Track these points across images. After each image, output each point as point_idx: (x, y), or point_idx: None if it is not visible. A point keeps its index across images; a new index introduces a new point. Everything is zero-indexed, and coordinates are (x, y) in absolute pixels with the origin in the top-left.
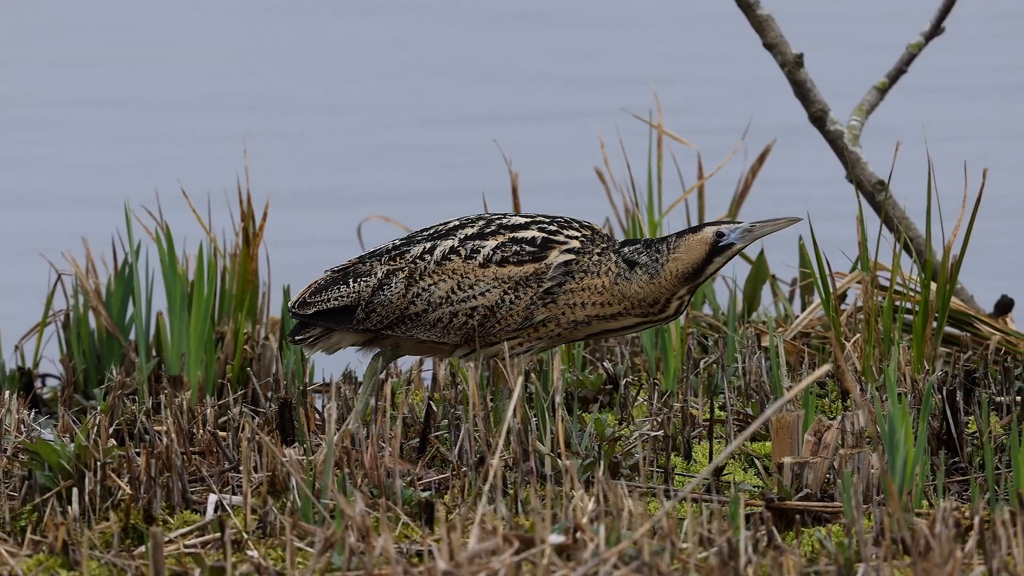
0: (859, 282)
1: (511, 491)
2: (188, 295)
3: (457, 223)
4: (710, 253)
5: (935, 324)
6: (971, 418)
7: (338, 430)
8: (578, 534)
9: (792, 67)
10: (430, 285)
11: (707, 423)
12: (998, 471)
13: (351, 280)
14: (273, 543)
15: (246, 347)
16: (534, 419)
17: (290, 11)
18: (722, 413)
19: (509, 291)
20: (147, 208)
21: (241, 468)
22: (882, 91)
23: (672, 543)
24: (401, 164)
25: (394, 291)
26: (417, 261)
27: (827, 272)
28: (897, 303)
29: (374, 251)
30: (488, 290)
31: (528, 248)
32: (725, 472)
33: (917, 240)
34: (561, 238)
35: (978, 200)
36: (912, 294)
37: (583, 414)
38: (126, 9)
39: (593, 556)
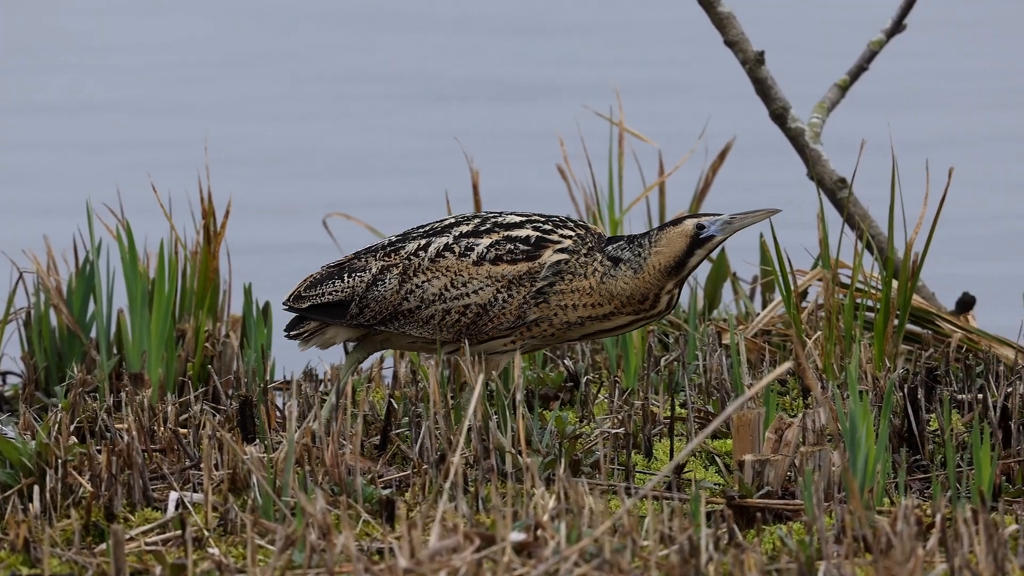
0: (820, 279)
1: (472, 489)
2: (149, 293)
3: (453, 220)
4: (691, 245)
5: (896, 322)
6: (932, 416)
7: (299, 428)
8: (539, 532)
9: (753, 65)
10: (424, 282)
11: (668, 421)
12: (960, 469)
13: (346, 275)
14: (234, 540)
15: (207, 345)
16: (495, 417)
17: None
18: (683, 411)
19: (502, 290)
20: (109, 207)
21: (202, 466)
22: (843, 89)
23: (633, 541)
24: (363, 168)
25: (388, 287)
26: (411, 257)
27: (788, 269)
28: (858, 301)
29: (370, 247)
30: (481, 288)
31: (522, 247)
32: (686, 470)
33: (879, 238)
34: (555, 237)
35: (942, 199)
36: (873, 292)
37: (544, 412)
38: (83, 11)
39: (554, 554)
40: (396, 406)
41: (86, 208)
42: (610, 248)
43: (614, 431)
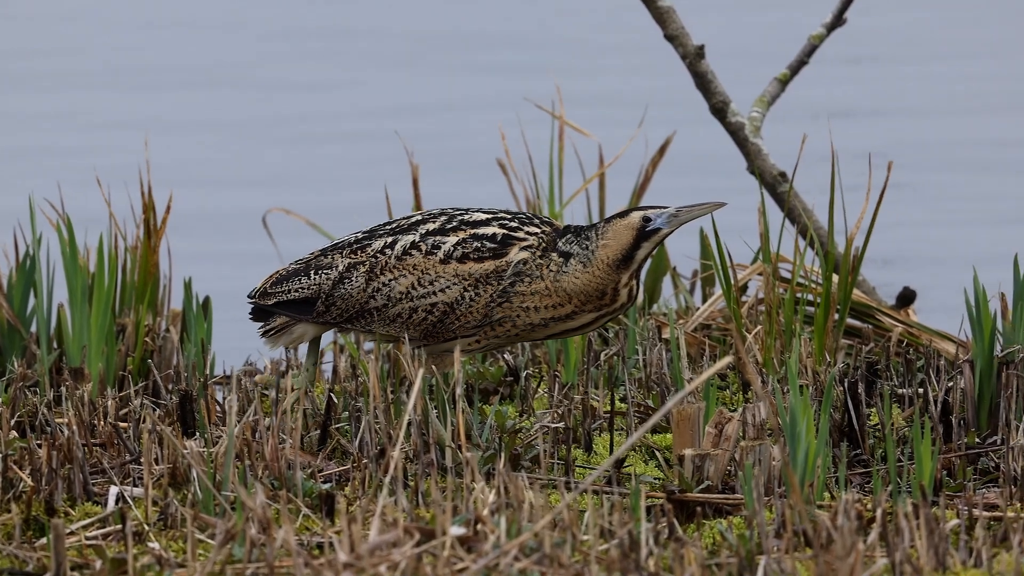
0: (760, 274)
1: (412, 483)
2: (89, 287)
3: (419, 218)
4: (637, 238)
5: (837, 316)
6: (873, 410)
7: (239, 422)
8: (479, 526)
9: (693, 59)
10: (390, 280)
11: (608, 415)
12: (900, 463)
13: (312, 272)
14: (174, 535)
15: (147, 339)
16: (435, 411)
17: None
18: (623, 405)
19: (469, 288)
20: (50, 201)
21: (142, 460)
22: (783, 82)
23: (573, 535)
24: (302, 157)
25: (355, 285)
26: (378, 255)
27: (728, 264)
28: (799, 295)
29: (336, 243)
30: (448, 287)
31: (489, 245)
32: (626, 464)
33: (820, 232)
34: (521, 235)
35: (882, 192)
36: (814, 286)
37: (484, 406)
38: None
39: (494, 548)
40: (336, 400)
41: (28, 203)
42: (561, 243)
43: (554, 426)
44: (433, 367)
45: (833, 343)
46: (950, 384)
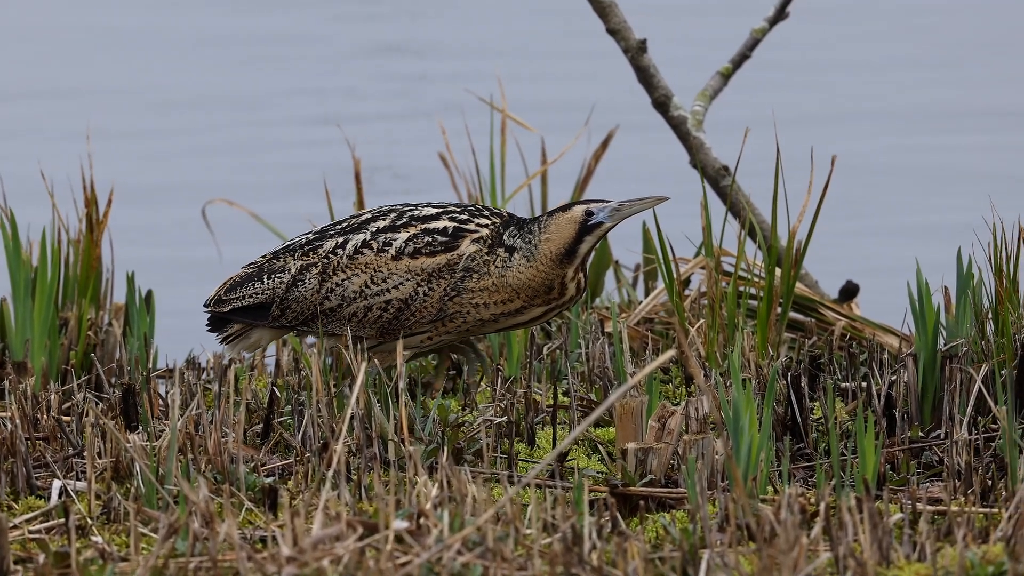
0: (703, 267)
1: (355, 477)
2: (32, 281)
3: (369, 216)
4: (580, 232)
5: (780, 310)
6: (816, 404)
7: (182, 416)
8: (422, 520)
9: (635, 53)
10: (344, 280)
11: (551, 409)
12: (843, 457)
13: (266, 276)
14: (117, 529)
15: (90, 333)
16: (377, 404)
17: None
18: (566, 399)
19: (423, 283)
20: None
21: (85, 454)
22: (726, 76)
23: (516, 529)
24: (244, 156)
25: (308, 287)
26: (330, 256)
27: (671, 257)
28: (742, 289)
29: (287, 246)
30: (402, 283)
31: (440, 238)
32: (569, 458)
33: (762, 226)
34: (472, 226)
35: (825, 187)
36: (757, 280)
37: (426, 399)
38: None
39: (437, 542)
40: (279, 394)
41: None
42: (506, 237)
43: (497, 419)
44: (376, 361)
45: (776, 337)
46: (893, 378)
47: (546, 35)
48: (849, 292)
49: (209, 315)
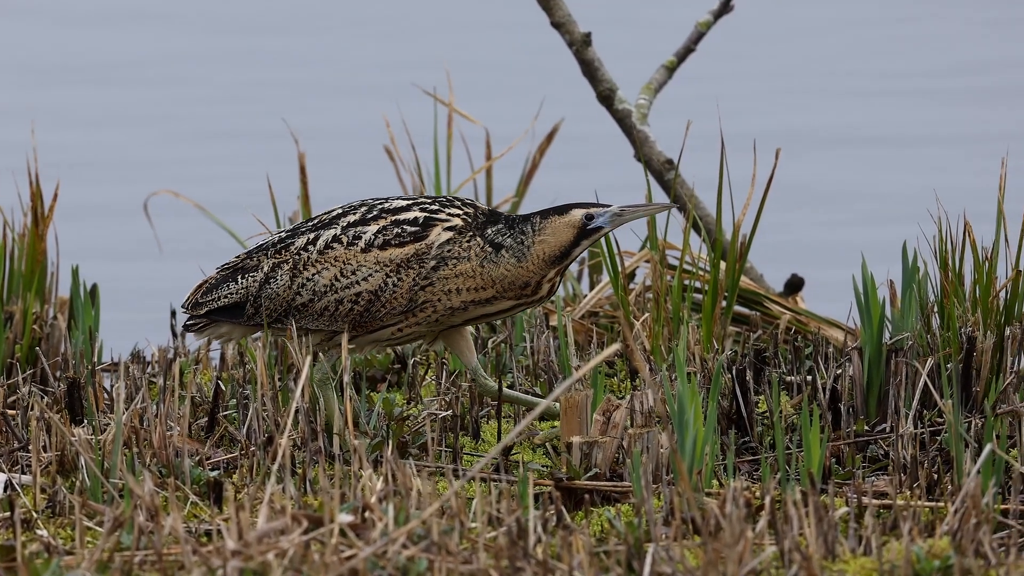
0: (648, 261)
1: (300, 470)
2: None
3: (340, 211)
4: (577, 236)
5: (724, 303)
6: (761, 398)
7: (127, 409)
8: (367, 514)
9: (580, 46)
10: (314, 274)
11: (495, 403)
12: (789, 451)
13: (239, 277)
14: (63, 522)
15: (35, 327)
16: (322, 398)
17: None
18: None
19: (392, 274)
20: None
21: (30, 447)
22: (670, 70)
23: (461, 523)
24: (190, 146)
25: (280, 283)
26: (301, 252)
27: (615, 251)
28: (687, 282)
29: (260, 245)
30: (371, 275)
31: (410, 229)
32: (514, 452)
33: (707, 219)
34: (443, 216)
35: (769, 180)
36: (702, 273)
37: (371, 394)
38: None
39: (382, 535)
40: (224, 388)
41: None
42: (490, 232)
43: (442, 413)
44: (321, 355)
45: (721, 330)
46: (839, 372)
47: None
48: (794, 286)
49: (188, 318)
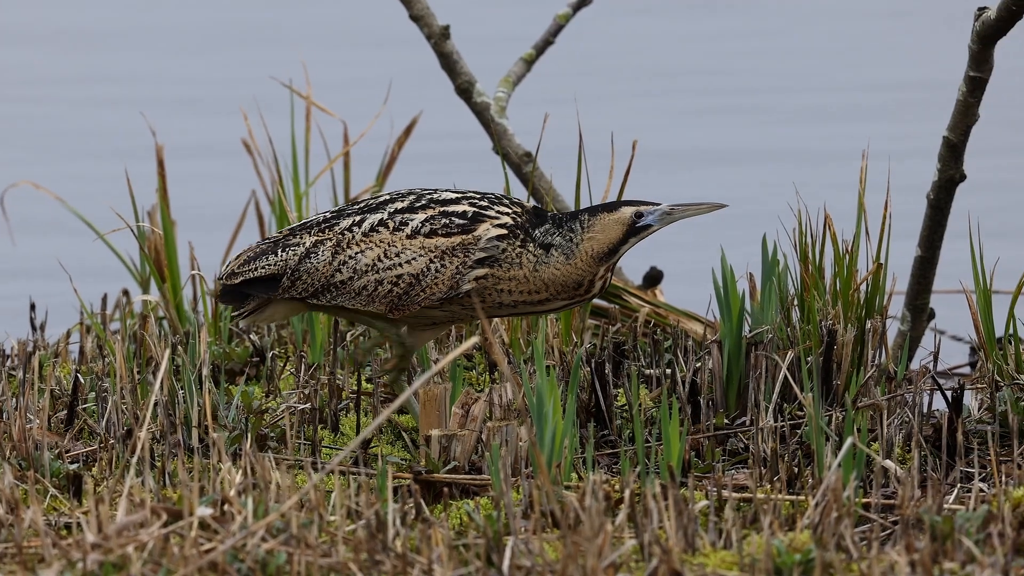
0: None
1: (159, 463)
2: None
3: (388, 197)
4: (627, 234)
5: None
6: (620, 391)
7: None
8: (226, 507)
9: (439, 39)
10: (357, 253)
11: (354, 396)
12: (648, 444)
13: (280, 250)
14: None
15: None
16: (181, 391)
17: None
18: (369, 386)
19: (435, 260)
20: None
21: None
22: (529, 63)
23: (320, 516)
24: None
25: (320, 259)
26: (345, 232)
27: None
28: None
29: (304, 222)
30: (415, 258)
31: (458, 221)
32: (373, 445)
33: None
34: (492, 212)
35: (627, 170)
36: None
37: (230, 386)
38: None
39: (241, 528)
40: (83, 381)
41: None
42: (539, 233)
43: (300, 406)
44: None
45: (580, 324)
46: (698, 365)
47: (349, 18)
48: (653, 278)
49: (222, 288)
